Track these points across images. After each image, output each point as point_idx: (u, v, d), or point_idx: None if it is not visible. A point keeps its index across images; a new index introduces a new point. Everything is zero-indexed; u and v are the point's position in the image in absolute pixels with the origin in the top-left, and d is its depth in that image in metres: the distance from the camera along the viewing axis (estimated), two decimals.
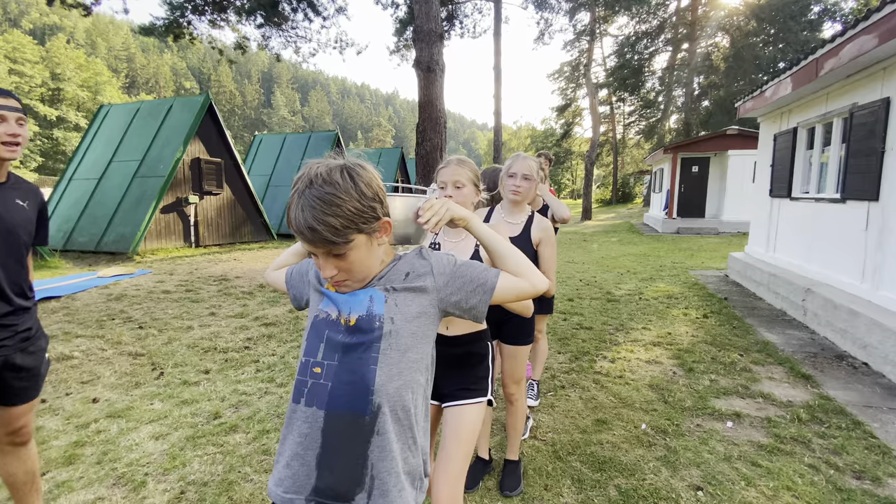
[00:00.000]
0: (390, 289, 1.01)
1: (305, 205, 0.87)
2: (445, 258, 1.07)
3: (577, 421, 2.92)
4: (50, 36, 66.03)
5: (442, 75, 8.02)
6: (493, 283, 1.03)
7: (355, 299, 1.00)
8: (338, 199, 0.87)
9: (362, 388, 0.93)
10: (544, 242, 2.23)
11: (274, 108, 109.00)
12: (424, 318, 1.02)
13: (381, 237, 0.99)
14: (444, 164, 1.72)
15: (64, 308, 5.42)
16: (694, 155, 15.83)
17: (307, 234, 0.88)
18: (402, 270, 1.04)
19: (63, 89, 55.71)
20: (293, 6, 11.68)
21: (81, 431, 2.85)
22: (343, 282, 0.98)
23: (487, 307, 1.05)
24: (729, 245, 11.73)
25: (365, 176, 0.93)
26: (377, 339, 0.96)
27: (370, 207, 0.92)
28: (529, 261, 1.09)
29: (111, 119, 11.01)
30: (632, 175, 37.45)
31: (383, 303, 0.99)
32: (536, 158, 2.28)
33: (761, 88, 6.55)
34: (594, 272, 8.29)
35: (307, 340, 1.02)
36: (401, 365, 0.97)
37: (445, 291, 1.03)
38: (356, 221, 0.90)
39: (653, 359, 3.96)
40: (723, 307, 5.59)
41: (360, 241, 0.93)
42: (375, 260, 1.00)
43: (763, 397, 3.22)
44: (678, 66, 27.69)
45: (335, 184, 0.88)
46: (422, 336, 1.01)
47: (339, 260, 0.93)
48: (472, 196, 1.70)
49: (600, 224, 20.02)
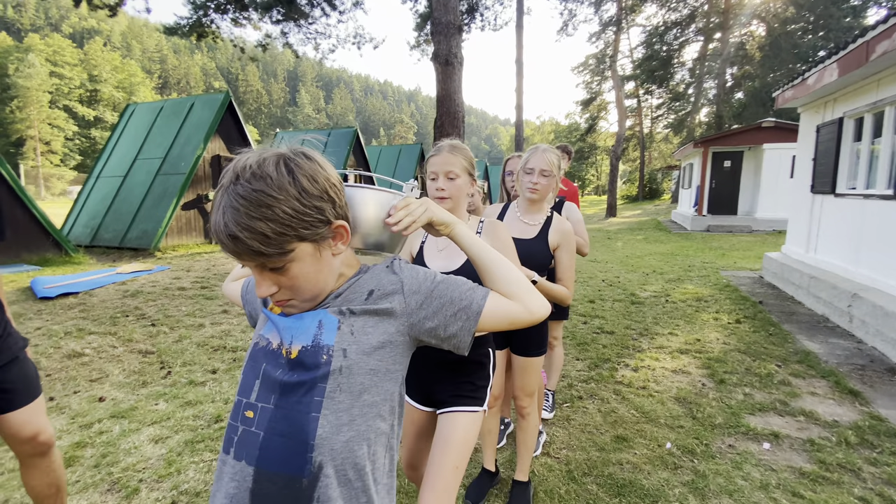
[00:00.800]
0: (346, 311, 0.81)
1: (227, 205, 0.68)
2: (422, 273, 0.87)
3: (595, 437, 2.68)
4: (88, 39, 68.61)
5: (460, 68, 7.81)
6: (479, 306, 0.83)
7: (300, 325, 0.80)
8: (269, 197, 0.68)
9: (299, 442, 0.73)
10: (563, 247, 2.01)
11: (299, 105, 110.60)
12: (389, 350, 0.81)
13: (335, 245, 0.79)
14: (434, 152, 1.51)
15: (81, 304, 5.47)
16: (726, 149, 15.12)
17: (228, 243, 0.69)
18: (364, 288, 0.84)
19: (100, 90, 57.88)
20: (310, 0, 11.63)
21: (84, 431, 2.83)
22: (287, 301, 0.79)
23: (472, 336, 0.84)
24: (763, 244, 11.13)
25: (308, 168, 0.73)
26: (322, 379, 0.76)
27: (315, 208, 0.73)
28: (526, 280, 0.88)
29: (136, 118, 11.21)
30: (659, 170, 36.35)
31: (335, 330, 0.79)
32: (557, 152, 2.04)
33: (802, 76, 6.09)
34: (618, 272, 7.95)
35: (243, 374, 0.83)
36: (352, 411, 0.76)
37: (418, 315, 0.83)
38: (295, 226, 0.70)
39: (680, 368, 3.67)
40: (757, 312, 5.21)
41: (303, 252, 0.74)
42: (328, 274, 0.80)
43: (805, 415, 2.91)
44: (710, 56, 26.62)
45: (266, 178, 0.68)
46: (385, 373, 0.81)
47: (277, 275, 0.74)
48: (467, 187, 1.52)
49: (625, 221, 19.43)
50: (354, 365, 0.77)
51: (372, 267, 0.90)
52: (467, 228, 0.95)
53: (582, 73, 32.84)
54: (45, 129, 49.84)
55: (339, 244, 0.80)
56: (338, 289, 0.84)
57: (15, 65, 49.62)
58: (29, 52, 51.45)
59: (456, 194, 1.49)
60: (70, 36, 71.25)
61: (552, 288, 2.00)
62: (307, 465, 0.73)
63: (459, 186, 1.49)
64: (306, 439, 0.73)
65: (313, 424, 0.73)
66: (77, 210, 10.41)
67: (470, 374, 1.46)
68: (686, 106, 31.15)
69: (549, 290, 1.99)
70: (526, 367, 2.07)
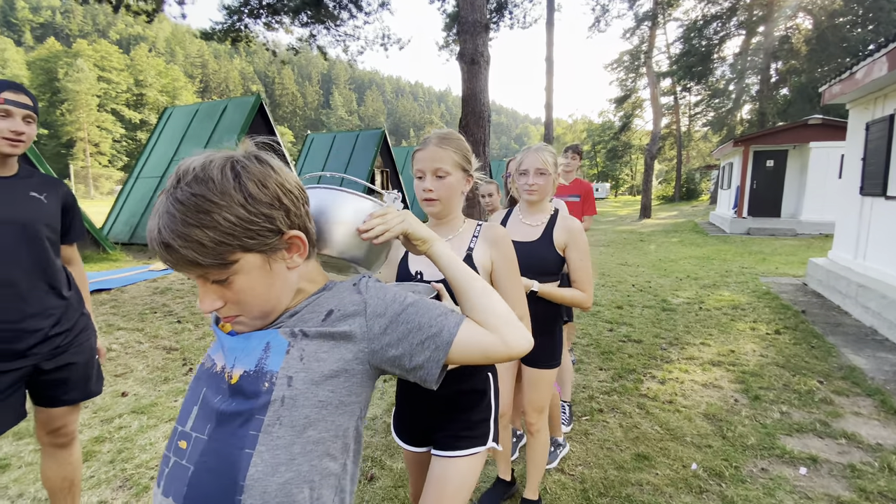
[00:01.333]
0: (298, 333, 0.71)
1: (163, 211, 0.62)
2: (391, 295, 0.77)
3: (614, 454, 2.54)
4: (134, 45, 72.10)
5: (486, 67, 7.69)
6: (450, 335, 0.74)
7: (245, 346, 0.72)
8: (208, 203, 0.62)
9: (228, 481, 0.64)
10: (572, 246, 1.86)
11: (332, 108, 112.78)
12: (344, 380, 0.72)
13: (290, 257, 0.72)
14: (420, 145, 1.29)
15: (112, 300, 5.69)
16: (769, 147, 14.36)
17: (161, 252, 0.63)
18: (323, 307, 0.76)
19: (145, 94, 60.75)
20: (335, 1, 11.74)
21: (105, 426, 2.90)
22: (234, 318, 0.71)
23: (441, 369, 0.75)
24: (809, 249, 10.50)
25: (257, 172, 0.66)
26: (260, 410, 0.67)
27: (263, 216, 0.66)
28: (507, 308, 0.79)
29: (174, 120, 11.63)
30: (697, 170, 35.06)
31: (283, 354, 0.70)
32: (552, 150, 1.91)
33: (850, 70, 5.67)
34: (649, 276, 7.65)
35: (185, 398, 0.76)
36: (293, 449, 0.67)
37: (381, 342, 0.74)
38: (238, 235, 0.64)
39: (711, 381, 3.46)
40: (799, 322, 4.88)
41: (249, 264, 0.67)
42: (281, 289, 0.73)
43: (846, 438, 2.67)
44: (752, 50, 25.42)
45: (208, 182, 0.62)
46: (337, 406, 0.71)
47: (222, 288, 0.67)
48: (461, 185, 1.30)
49: (660, 223, 18.78)
50: (300, 395, 0.68)
51: (336, 284, 0.81)
52: (447, 247, 0.87)
53: (616, 70, 32.07)
54: (93, 132, 52.73)
55: (295, 256, 0.73)
56: (294, 306, 0.76)
57: (64, 69, 52.71)
58: (78, 57, 54.56)
59: (446, 195, 1.26)
60: (117, 42, 75.04)
61: (565, 294, 1.88)
62: None
63: (450, 185, 1.26)
64: (236, 479, 0.64)
65: (245, 462, 0.64)
66: (118, 209, 10.89)
67: (467, 409, 1.28)
68: (727, 103, 29.89)
69: (560, 295, 1.88)
70: (535, 380, 1.95)
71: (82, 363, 1.70)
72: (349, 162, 13.81)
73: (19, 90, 1.51)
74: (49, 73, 54.15)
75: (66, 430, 1.73)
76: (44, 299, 1.58)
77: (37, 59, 56.87)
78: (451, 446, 1.23)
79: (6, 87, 1.48)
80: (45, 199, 1.62)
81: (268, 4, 12.22)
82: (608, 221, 20.62)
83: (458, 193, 1.30)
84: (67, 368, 1.66)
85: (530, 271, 1.87)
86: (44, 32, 77.29)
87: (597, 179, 55.07)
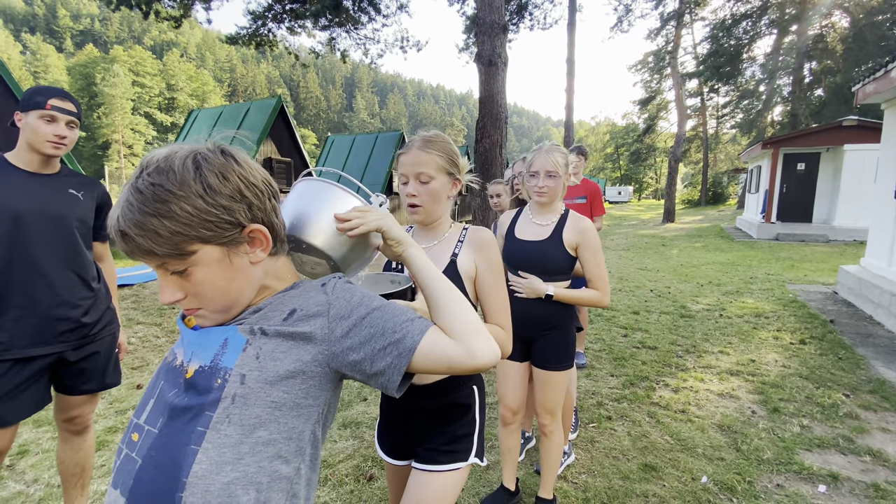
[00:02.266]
0: (257, 331, 0.70)
1: (123, 200, 0.63)
2: (357, 297, 0.75)
3: (621, 463, 2.46)
4: (167, 51, 74.58)
5: (504, 69, 7.65)
6: (413, 341, 0.71)
7: (204, 341, 0.72)
8: (166, 193, 0.62)
9: (170, 477, 0.63)
10: (585, 245, 1.83)
11: (355, 111, 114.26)
12: (300, 382, 0.70)
13: (253, 252, 0.72)
14: (404, 149, 1.24)
15: (134, 295, 5.86)
16: (800, 150, 13.82)
17: (118, 240, 0.64)
18: (287, 306, 0.74)
19: (176, 98, 62.80)
20: (355, 5, 11.87)
21: (119, 417, 2.98)
22: (195, 311, 0.71)
23: (402, 376, 0.72)
24: (842, 256, 10.06)
25: (219, 165, 0.67)
26: (210, 406, 0.66)
27: (222, 208, 0.66)
28: (476, 319, 0.77)
29: (199, 122, 11.96)
30: (725, 173, 34.02)
31: (239, 351, 0.69)
32: (563, 150, 1.87)
33: (885, 68, 5.40)
34: (668, 281, 7.45)
35: (146, 389, 0.76)
36: (240, 448, 0.65)
37: (341, 345, 0.71)
38: (195, 226, 0.64)
39: (727, 391, 3.32)
40: (827, 332, 4.65)
41: (207, 256, 0.67)
42: (243, 284, 0.72)
43: (871, 455, 2.52)
44: (784, 50, 24.56)
45: (168, 172, 0.63)
46: (291, 407, 0.69)
47: (182, 280, 0.68)
48: (447, 190, 1.25)
49: (684, 227, 18.31)
50: (252, 394, 0.66)
51: (304, 283, 0.80)
52: (422, 253, 0.86)
53: (640, 72, 31.45)
54: (127, 134, 54.82)
55: (258, 251, 0.72)
56: (258, 303, 0.75)
57: (101, 74, 54.99)
58: (114, 62, 56.83)
59: (430, 200, 1.21)
60: (151, 48, 77.86)
61: (579, 295, 1.85)
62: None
63: (434, 191, 1.21)
64: (178, 475, 0.62)
65: (190, 459, 0.63)
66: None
67: (450, 422, 1.23)
68: (756, 104, 28.92)
69: (575, 297, 1.85)
70: (546, 381, 1.92)
71: (104, 354, 1.79)
72: (368, 163, 13.93)
73: (66, 97, 1.62)
74: (87, 78, 56.61)
75: (81, 420, 1.81)
76: (74, 289, 1.68)
77: (76, 65, 59.55)
78: (431, 460, 1.20)
79: (54, 94, 1.59)
80: (81, 197, 1.73)
81: (291, 9, 12.46)
82: (630, 225, 20.22)
83: (444, 198, 1.25)
84: (89, 359, 1.74)
85: (539, 270, 1.85)
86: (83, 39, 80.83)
87: (620, 182, 54.11)
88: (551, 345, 1.90)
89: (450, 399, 1.24)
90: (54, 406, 1.79)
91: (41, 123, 1.57)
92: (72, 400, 1.77)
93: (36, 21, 79.55)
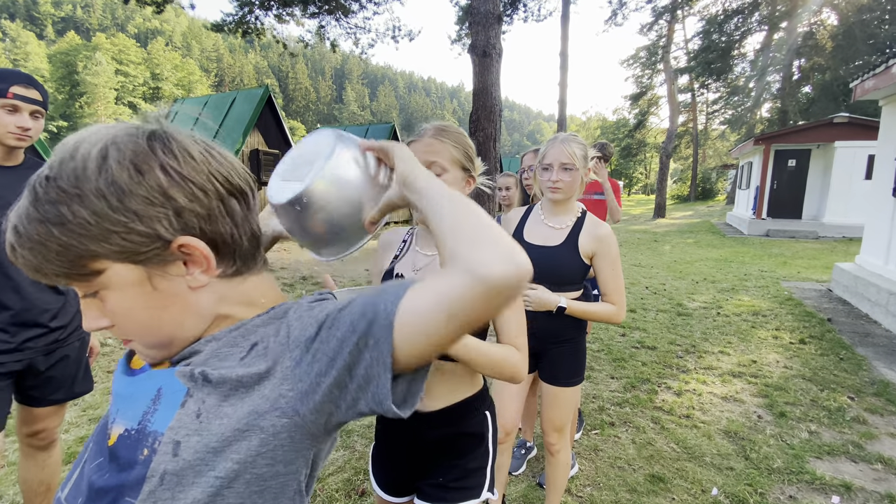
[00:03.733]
0: (198, 377, 0.49)
1: (20, 201, 0.48)
2: (321, 306, 0.53)
3: (626, 474, 2.34)
4: (151, 39, 72.92)
5: (499, 61, 7.46)
6: (387, 311, 0.46)
7: (134, 391, 0.53)
8: (56, 191, 0.46)
9: None
10: (602, 255, 1.62)
11: (345, 103, 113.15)
12: (258, 444, 0.48)
13: (190, 274, 0.51)
14: (414, 137, 1.08)
15: None
16: (791, 146, 13.87)
17: (10, 255, 0.48)
18: (246, 340, 0.53)
19: (161, 88, 61.49)
20: None
21: (92, 426, 2.79)
22: (129, 341, 0.53)
23: (390, 374, 0.46)
24: (832, 252, 10.10)
25: (132, 154, 0.47)
26: (131, 489, 0.47)
27: (132, 214, 0.46)
28: (490, 224, 0.48)
29: (183, 112, 11.61)
30: (714, 169, 34.29)
31: (176, 406, 0.49)
32: (581, 141, 1.67)
33: (886, 64, 5.34)
34: (663, 278, 7.38)
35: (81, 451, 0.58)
36: None
37: (309, 374, 0.48)
38: (94, 237, 0.46)
39: (731, 394, 3.23)
40: (825, 331, 4.60)
41: (119, 277, 0.48)
42: (181, 314, 0.52)
43: (883, 462, 2.44)
44: (774, 46, 24.68)
45: (66, 163, 0.47)
46: (248, 483, 0.48)
47: (102, 303, 0.50)
48: (459, 186, 1.07)
49: (675, 223, 18.36)
50: (189, 469, 0.46)
51: (283, 306, 0.57)
52: (426, 172, 0.60)
53: (632, 67, 31.43)
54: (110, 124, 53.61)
55: (197, 273, 0.51)
56: (208, 336, 0.54)
57: (83, 62, 53.60)
58: (96, 50, 55.45)
59: None
60: (135, 36, 76.03)
61: (593, 309, 1.64)
62: None
63: (447, 183, 1.09)
64: None
65: None
66: None
67: (460, 454, 1.07)
68: (746, 101, 29.09)
69: (589, 311, 1.64)
70: (555, 397, 1.75)
71: (73, 360, 1.68)
72: None
73: (30, 84, 1.48)
74: (69, 67, 55.10)
75: (46, 434, 1.70)
76: (41, 293, 1.55)
77: (57, 53, 57.91)
78: (439, 498, 1.05)
79: (16, 80, 1.45)
80: None
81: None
82: (621, 220, 20.24)
83: None
84: (58, 366, 1.64)
85: (548, 280, 1.62)
86: (64, 26, 78.67)
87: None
88: (562, 359, 1.74)
89: (459, 429, 1.07)
90: (17, 419, 1.65)
91: (2, 113, 1.43)
92: (38, 412, 1.64)
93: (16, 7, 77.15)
